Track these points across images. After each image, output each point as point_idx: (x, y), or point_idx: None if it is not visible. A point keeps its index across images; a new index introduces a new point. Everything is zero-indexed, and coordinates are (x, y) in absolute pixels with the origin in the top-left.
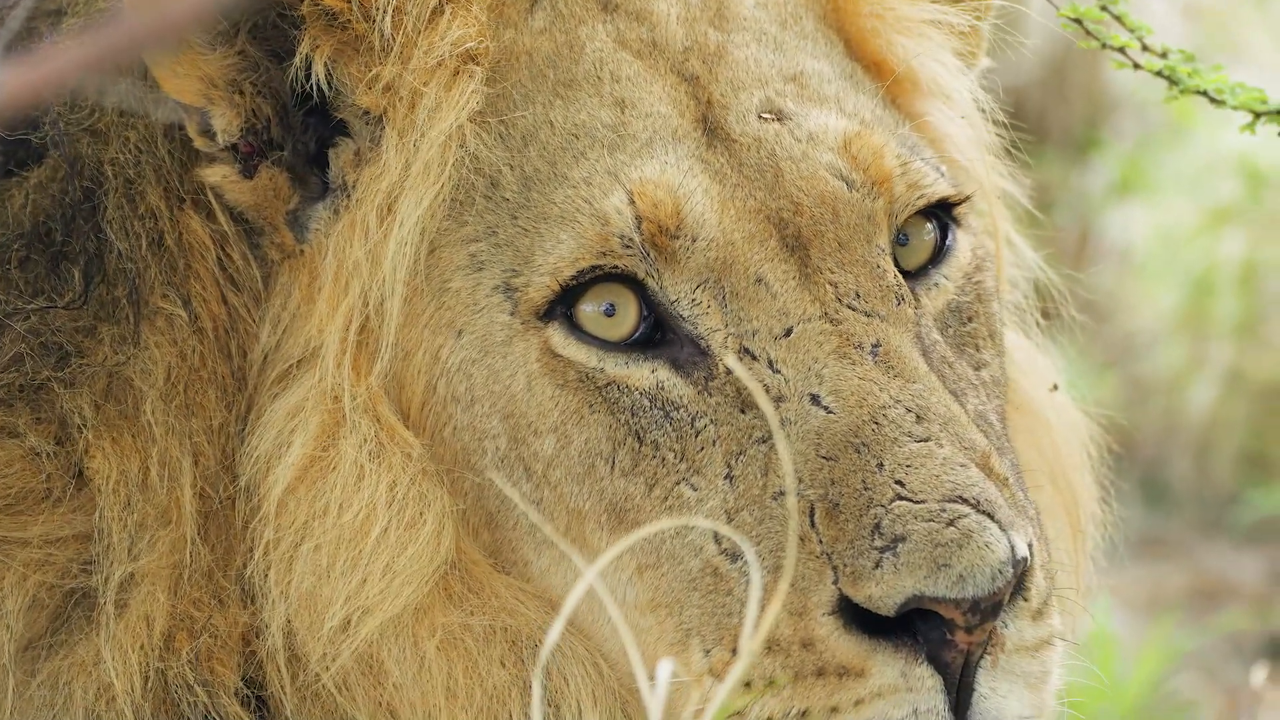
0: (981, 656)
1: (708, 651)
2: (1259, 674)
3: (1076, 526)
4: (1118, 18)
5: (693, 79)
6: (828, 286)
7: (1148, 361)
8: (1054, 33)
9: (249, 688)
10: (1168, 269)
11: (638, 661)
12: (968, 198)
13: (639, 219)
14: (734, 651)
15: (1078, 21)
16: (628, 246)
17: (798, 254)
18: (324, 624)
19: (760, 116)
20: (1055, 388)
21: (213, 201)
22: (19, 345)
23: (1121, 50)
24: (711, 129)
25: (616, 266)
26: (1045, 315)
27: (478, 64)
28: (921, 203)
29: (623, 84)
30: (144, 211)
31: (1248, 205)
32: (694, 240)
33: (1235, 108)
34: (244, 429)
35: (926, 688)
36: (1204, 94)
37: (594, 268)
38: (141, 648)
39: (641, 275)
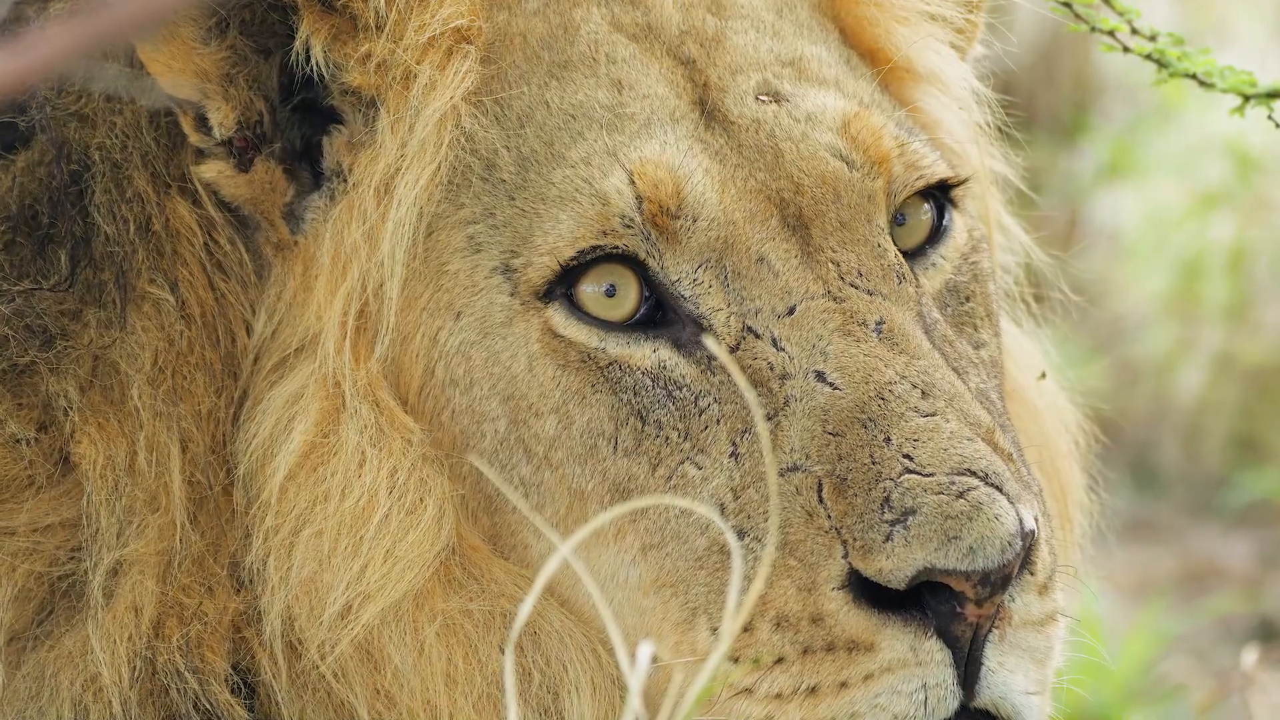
0: (989, 630)
1: (714, 630)
2: (1249, 656)
3: (1065, 515)
4: (1107, 1)
5: (689, 62)
6: (830, 265)
7: (1137, 345)
8: (1043, 16)
9: (238, 674)
10: (1157, 252)
11: (618, 641)
12: (965, 180)
13: (639, 199)
14: (743, 629)
15: (1067, 5)
16: (628, 226)
17: (799, 233)
18: (324, 610)
19: (758, 98)
20: (1043, 376)
21: (199, 187)
22: (2, 328)
23: (1111, 34)
24: (709, 111)
25: (617, 247)
26: (1036, 298)
27: (471, 43)
28: (920, 183)
29: (619, 65)
30: (131, 196)
31: (1237, 188)
32: (695, 220)
33: (1224, 91)
34: (237, 416)
35: (935, 661)
36: (1193, 77)
37: (595, 248)
38: (130, 637)
39: (642, 255)
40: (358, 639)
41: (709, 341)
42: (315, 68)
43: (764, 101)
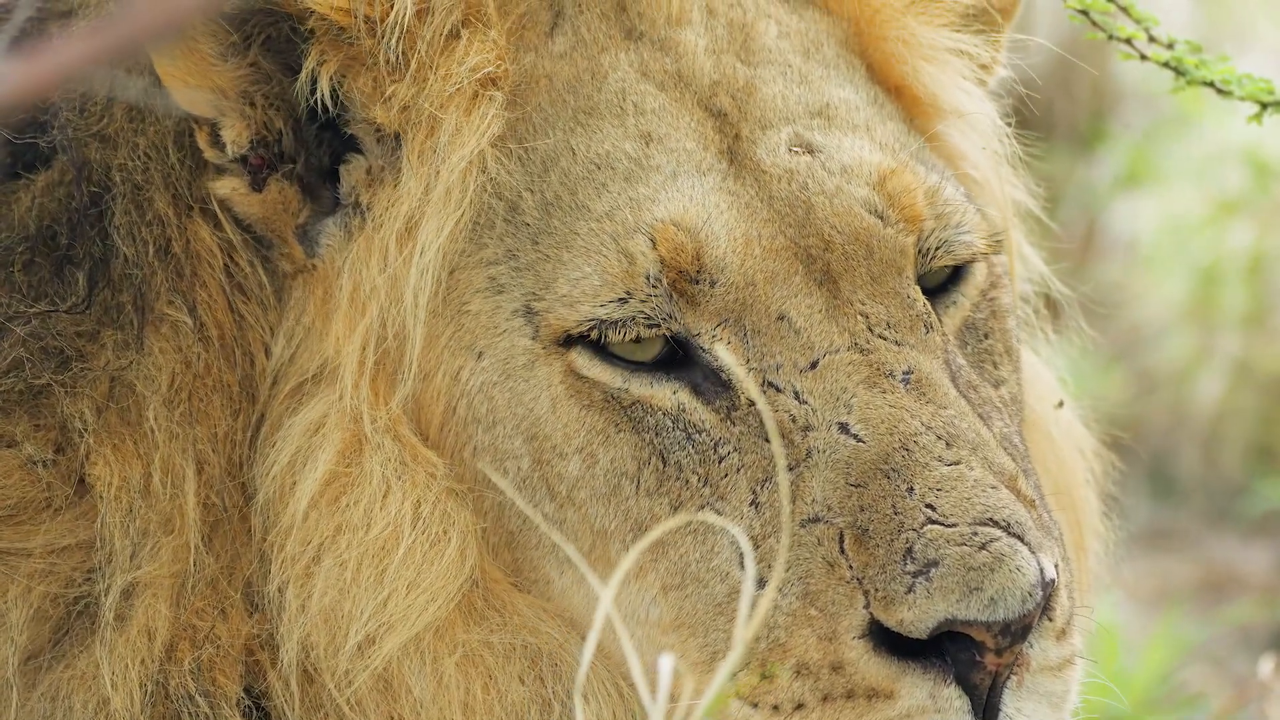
0: (1008, 677)
1: (734, 675)
2: (1267, 665)
3: (1079, 543)
4: (1124, 9)
5: (721, 114)
6: (859, 318)
7: (1155, 353)
8: (1061, 25)
9: (250, 698)
10: (1175, 260)
11: (638, 670)
12: (997, 245)
13: (661, 262)
14: (762, 675)
15: (1084, 13)
16: (653, 287)
17: (826, 287)
18: (346, 640)
19: (791, 150)
20: (1061, 405)
21: (219, 211)
22: (19, 350)
23: (1128, 41)
24: (740, 162)
25: (643, 311)
26: (1050, 308)
27: (498, 88)
28: (950, 260)
29: (648, 117)
30: (151, 218)
31: (1255, 195)
32: (713, 285)
33: (1242, 99)
34: (254, 439)
35: (954, 708)
36: (1211, 85)
37: (620, 301)
38: (142, 660)
39: (664, 316)
40: (377, 669)
41: (720, 350)
42: (321, 98)
43: (797, 152)
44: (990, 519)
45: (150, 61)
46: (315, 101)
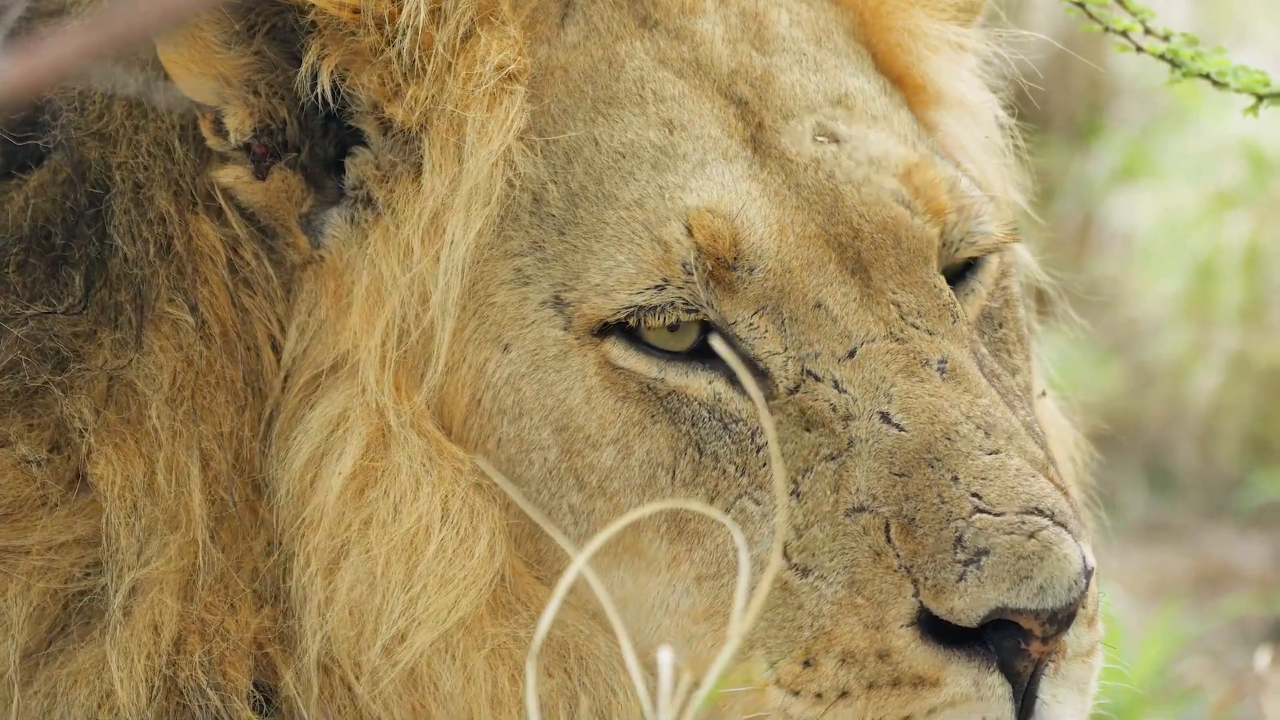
0: (1046, 664)
1: (773, 664)
2: (1263, 658)
3: None
4: (1120, 1)
5: (742, 102)
6: (891, 307)
7: (1152, 347)
8: (1057, 18)
9: (259, 691)
10: (1171, 254)
11: (632, 659)
12: (1014, 233)
13: (698, 249)
14: (805, 664)
15: (1080, 5)
16: (689, 274)
17: (858, 276)
18: (376, 636)
19: (816, 139)
20: (1044, 394)
21: (224, 204)
22: (14, 351)
23: (1124, 34)
24: (764, 151)
25: (681, 297)
26: (1038, 300)
27: (519, 82)
28: (973, 251)
29: (668, 104)
30: (153, 216)
31: (1252, 190)
32: (751, 270)
33: (1238, 90)
34: (265, 433)
35: (997, 696)
36: (1206, 77)
37: (657, 289)
38: (149, 655)
39: (701, 303)
40: (407, 665)
41: (716, 344)
42: (322, 92)
43: (822, 142)
44: (1035, 508)
45: (151, 54)
46: (316, 96)
